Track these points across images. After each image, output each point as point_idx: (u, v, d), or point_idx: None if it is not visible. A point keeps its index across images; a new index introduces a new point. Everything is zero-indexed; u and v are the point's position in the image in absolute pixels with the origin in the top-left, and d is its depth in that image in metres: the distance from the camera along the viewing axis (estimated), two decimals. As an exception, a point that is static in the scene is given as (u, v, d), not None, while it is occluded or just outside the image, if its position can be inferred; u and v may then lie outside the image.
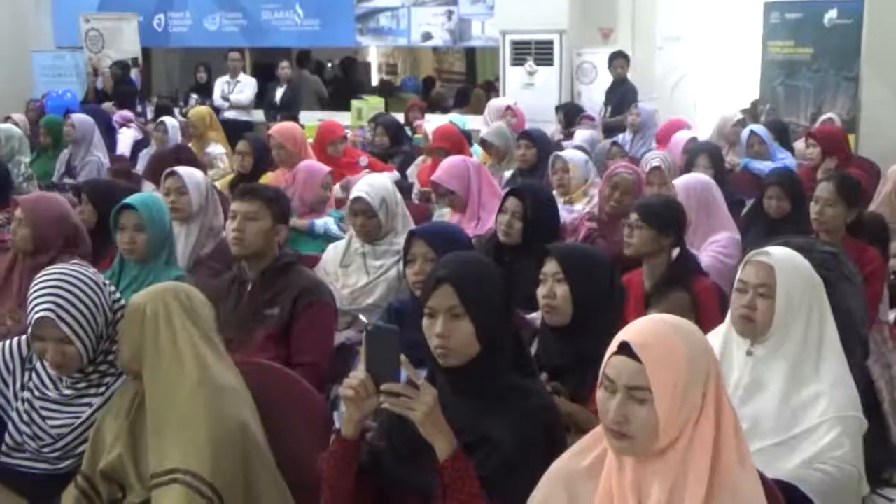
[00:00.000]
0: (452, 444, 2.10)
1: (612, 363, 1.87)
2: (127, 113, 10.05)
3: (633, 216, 3.69)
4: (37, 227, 3.82)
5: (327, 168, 5.31)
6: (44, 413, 2.64)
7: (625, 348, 1.85)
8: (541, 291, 2.76)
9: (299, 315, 3.33)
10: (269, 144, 6.03)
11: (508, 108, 8.47)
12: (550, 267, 2.75)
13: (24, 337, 2.75)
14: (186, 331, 2.50)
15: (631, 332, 1.88)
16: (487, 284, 2.28)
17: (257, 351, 3.26)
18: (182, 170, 4.36)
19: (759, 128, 7.00)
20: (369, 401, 2.14)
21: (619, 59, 9.51)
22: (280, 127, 6.43)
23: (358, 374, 2.15)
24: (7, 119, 8.48)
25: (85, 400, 2.64)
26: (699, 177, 4.71)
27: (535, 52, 10.49)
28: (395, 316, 3.29)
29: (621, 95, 9.24)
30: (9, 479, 2.66)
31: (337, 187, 5.86)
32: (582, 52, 10.46)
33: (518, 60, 10.57)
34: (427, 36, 11.70)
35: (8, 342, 2.76)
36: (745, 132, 6.90)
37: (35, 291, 2.58)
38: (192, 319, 2.53)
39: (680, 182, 4.56)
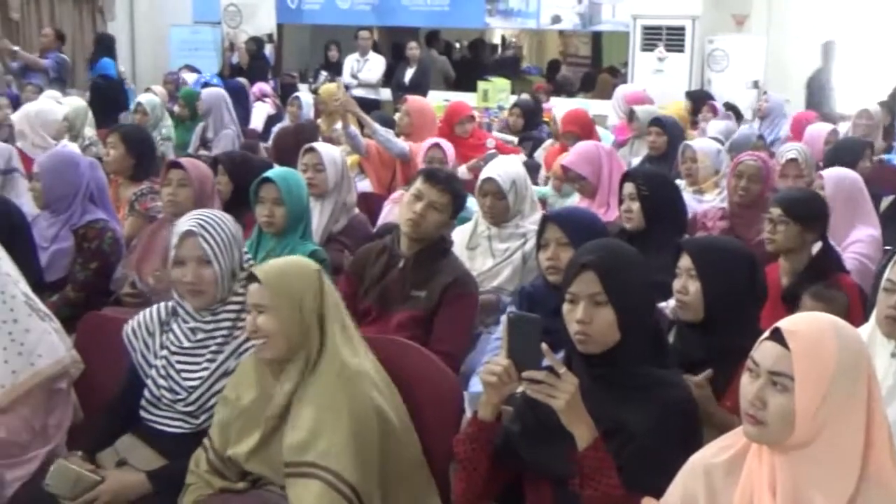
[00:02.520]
0: (593, 432, 2.10)
1: (761, 347, 1.85)
2: (265, 87, 10.22)
3: (776, 211, 3.56)
4: (197, 186, 3.94)
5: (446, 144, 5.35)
6: (178, 366, 2.74)
7: (776, 334, 1.82)
8: (675, 285, 2.72)
9: (447, 304, 3.33)
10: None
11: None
12: (684, 262, 2.70)
13: (164, 304, 2.88)
14: (331, 318, 2.53)
15: (787, 320, 1.85)
16: (631, 272, 2.28)
17: (397, 328, 3.28)
18: (320, 146, 4.43)
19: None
20: (509, 385, 2.16)
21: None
22: (415, 99, 6.50)
23: (500, 360, 2.17)
24: (147, 90, 8.76)
25: (215, 347, 2.73)
26: (849, 171, 4.55)
27: (666, 37, 10.33)
28: (526, 300, 3.29)
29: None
30: (148, 437, 2.76)
31: (463, 168, 5.90)
32: (714, 38, 10.25)
33: (648, 46, 10.42)
34: (556, 19, 11.61)
35: (150, 309, 2.89)
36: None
37: (183, 219, 2.80)
38: (336, 306, 2.58)
39: (830, 175, 4.41)
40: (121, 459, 2.73)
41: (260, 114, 9.32)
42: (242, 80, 10.27)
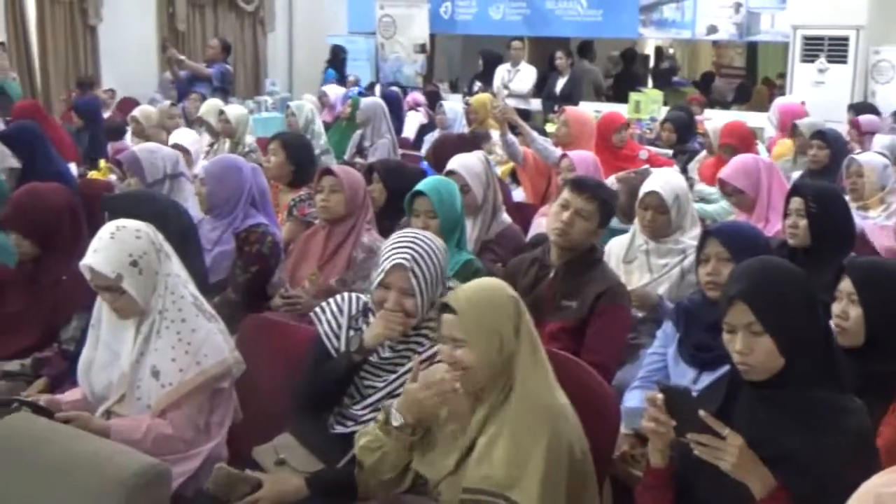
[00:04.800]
0: (768, 483, 2.04)
1: None
2: (419, 96, 10.36)
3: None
4: (349, 192, 4.00)
5: (594, 156, 5.29)
6: (363, 373, 2.80)
7: None
8: (835, 309, 2.59)
9: (598, 314, 3.29)
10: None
11: None
12: (846, 285, 2.58)
13: (355, 296, 2.95)
14: (525, 345, 2.46)
15: None
16: (787, 295, 2.17)
17: (548, 339, 3.25)
18: (460, 167, 4.32)
19: None
20: (668, 432, 2.14)
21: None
22: (573, 109, 6.48)
23: (657, 412, 2.14)
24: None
25: (400, 369, 2.77)
26: None
27: (828, 48, 9.97)
28: (683, 315, 3.22)
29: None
30: (307, 435, 2.82)
31: (612, 179, 5.81)
32: (880, 49, 9.82)
33: (808, 57, 10.07)
34: (712, 29, 11.35)
35: (345, 296, 2.96)
36: None
37: (394, 243, 2.79)
38: (530, 332, 2.50)
39: None
40: (280, 459, 2.78)
41: (413, 123, 9.44)
42: (395, 89, 10.44)
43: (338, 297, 2.96)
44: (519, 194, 6.04)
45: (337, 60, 12.45)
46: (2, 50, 9.86)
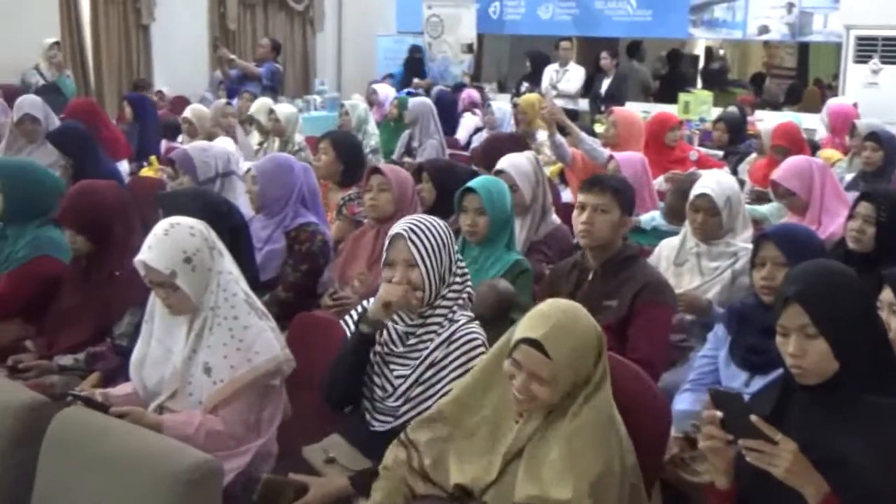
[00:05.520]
0: (821, 489, 2.01)
1: None
2: (475, 94, 10.29)
3: None
4: (397, 191, 4.02)
5: (642, 157, 5.25)
6: (392, 366, 2.83)
7: None
8: None
9: (639, 310, 3.28)
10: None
11: None
12: (887, 295, 2.56)
13: None
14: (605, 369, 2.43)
15: None
16: (843, 299, 2.14)
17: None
18: (509, 167, 4.32)
19: None
20: (728, 449, 2.12)
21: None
22: (622, 109, 6.44)
23: (711, 429, 2.13)
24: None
25: (426, 351, 2.78)
26: None
27: (882, 48, 9.82)
28: (735, 317, 3.19)
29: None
30: (354, 433, 2.84)
31: (660, 179, 5.78)
32: (935, 49, 9.67)
33: (862, 57, 9.93)
34: (764, 29, 11.24)
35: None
36: None
37: (396, 224, 2.85)
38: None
39: None
40: (329, 457, 2.80)
41: (468, 125, 9.34)
42: (445, 88, 10.44)
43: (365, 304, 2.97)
44: (567, 195, 6.02)
45: (413, 61, 12.41)
46: (57, 49, 10.02)
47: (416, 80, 11.40)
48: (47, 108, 6.34)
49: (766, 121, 7.83)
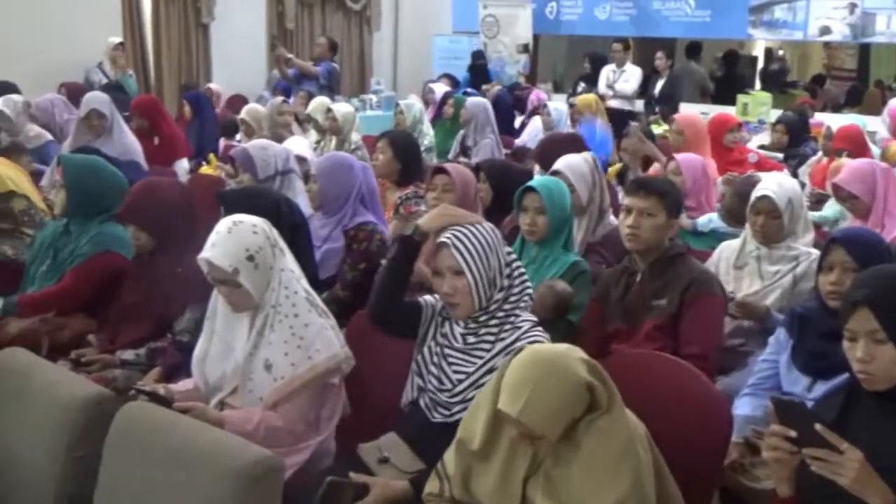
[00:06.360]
0: (888, 499, 1.98)
1: None
2: (544, 97, 10.23)
3: None
4: (461, 191, 4.03)
5: (702, 159, 5.20)
6: (450, 360, 2.84)
7: None
8: None
9: (688, 306, 3.27)
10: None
11: None
12: None
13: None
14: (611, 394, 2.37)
15: None
16: None
17: (644, 341, 3.25)
18: (565, 167, 4.25)
19: None
20: (792, 458, 2.09)
21: None
22: (686, 114, 6.38)
23: (776, 439, 2.10)
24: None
25: (485, 355, 2.79)
26: None
27: (947, 50, 9.65)
28: (797, 321, 3.14)
29: None
30: (407, 429, 2.86)
31: (719, 181, 5.72)
32: None
33: (926, 58, 9.76)
34: (825, 30, 11.07)
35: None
36: None
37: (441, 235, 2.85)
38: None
39: None
40: (383, 457, 2.81)
41: (534, 128, 9.27)
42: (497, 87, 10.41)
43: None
44: (625, 196, 5.97)
45: (477, 67, 12.33)
46: (121, 50, 10.18)
47: (484, 87, 11.33)
48: (112, 104, 6.43)
49: (829, 122, 7.72)
